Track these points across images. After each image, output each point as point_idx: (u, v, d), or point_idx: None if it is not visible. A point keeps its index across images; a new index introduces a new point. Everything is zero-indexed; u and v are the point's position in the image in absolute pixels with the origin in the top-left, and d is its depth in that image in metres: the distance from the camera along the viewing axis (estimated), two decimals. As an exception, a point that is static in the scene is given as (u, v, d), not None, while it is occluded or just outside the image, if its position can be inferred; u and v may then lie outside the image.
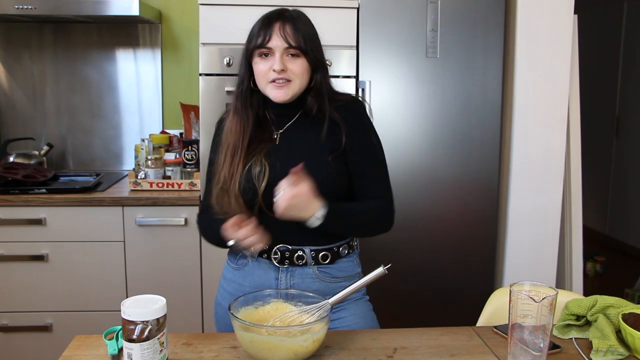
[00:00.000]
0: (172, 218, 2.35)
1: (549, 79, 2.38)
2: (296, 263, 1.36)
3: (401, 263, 2.40)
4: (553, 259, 2.46)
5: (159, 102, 2.92)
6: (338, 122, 1.33)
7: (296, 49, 1.28)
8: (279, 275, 1.36)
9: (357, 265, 1.45)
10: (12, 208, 2.30)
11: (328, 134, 1.34)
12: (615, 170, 4.94)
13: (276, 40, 1.28)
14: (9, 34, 2.82)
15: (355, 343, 1.22)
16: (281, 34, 1.28)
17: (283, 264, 1.36)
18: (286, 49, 1.28)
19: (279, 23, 1.29)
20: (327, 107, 1.34)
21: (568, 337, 1.25)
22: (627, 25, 4.77)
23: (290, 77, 1.29)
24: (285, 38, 1.27)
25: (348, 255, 1.42)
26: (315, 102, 1.34)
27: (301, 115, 1.37)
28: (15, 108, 2.87)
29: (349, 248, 1.42)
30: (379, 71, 2.33)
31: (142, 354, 1.05)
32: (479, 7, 2.31)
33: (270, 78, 1.29)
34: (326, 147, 1.33)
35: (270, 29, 1.29)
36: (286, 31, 1.28)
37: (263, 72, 1.30)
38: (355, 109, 1.39)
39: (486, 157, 2.39)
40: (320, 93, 1.34)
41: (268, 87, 1.31)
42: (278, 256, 1.36)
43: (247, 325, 1.10)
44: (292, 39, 1.28)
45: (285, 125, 1.38)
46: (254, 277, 1.38)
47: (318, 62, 1.33)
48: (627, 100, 4.79)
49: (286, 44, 1.28)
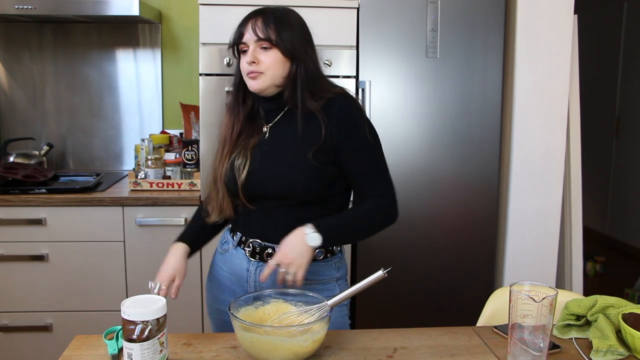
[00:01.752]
0: (172, 218, 2.35)
1: (549, 79, 2.38)
2: (265, 259, 1.37)
3: (401, 263, 2.40)
4: (553, 259, 2.46)
5: (159, 102, 2.92)
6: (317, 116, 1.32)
7: (265, 40, 1.31)
8: (249, 267, 1.39)
9: (336, 270, 1.42)
10: (12, 208, 2.30)
11: (309, 129, 1.33)
12: (615, 170, 4.94)
13: (247, 35, 1.33)
14: (9, 34, 2.82)
15: (355, 343, 1.22)
16: (252, 28, 1.32)
17: (254, 258, 1.39)
18: (256, 41, 1.31)
19: (252, 19, 1.33)
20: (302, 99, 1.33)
21: (568, 337, 1.25)
22: (627, 25, 4.77)
23: (262, 68, 1.32)
24: (255, 31, 1.31)
25: (325, 260, 1.40)
26: (290, 94, 1.34)
27: (288, 110, 1.38)
28: (15, 108, 2.87)
29: (327, 252, 1.40)
30: (379, 71, 2.33)
31: (142, 354, 1.05)
32: (479, 7, 2.31)
33: (246, 71, 1.34)
34: (307, 142, 1.33)
35: (245, 25, 1.34)
36: (257, 25, 1.31)
37: (243, 66, 1.35)
38: (343, 102, 1.36)
39: (486, 157, 2.39)
40: (294, 84, 1.34)
41: (246, 79, 1.35)
42: (250, 249, 1.39)
43: (247, 325, 1.10)
44: (261, 32, 1.31)
45: (273, 119, 1.40)
46: (232, 264, 1.43)
47: (293, 53, 1.32)
48: (627, 100, 4.79)
49: (255, 36, 1.31)
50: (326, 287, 1.40)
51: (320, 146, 1.31)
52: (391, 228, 1.49)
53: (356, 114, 1.36)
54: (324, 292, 1.35)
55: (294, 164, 1.32)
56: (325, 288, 1.39)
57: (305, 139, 1.33)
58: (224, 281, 1.45)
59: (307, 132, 1.33)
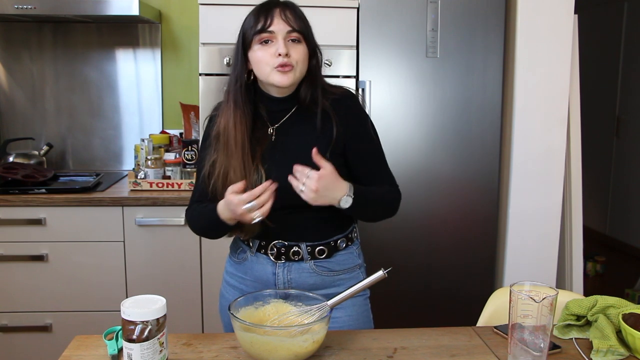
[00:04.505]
0: (172, 218, 2.35)
1: (549, 79, 2.38)
2: (292, 258, 1.36)
3: (401, 263, 2.40)
4: (553, 259, 2.46)
5: (159, 102, 2.91)
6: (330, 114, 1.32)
7: (298, 32, 1.27)
8: (276, 270, 1.37)
9: (358, 257, 1.45)
10: (12, 208, 2.30)
11: (322, 127, 1.32)
12: (616, 170, 4.94)
13: (278, 23, 1.26)
14: (9, 33, 2.82)
15: (355, 343, 1.22)
16: (283, 17, 1.26)
17: (280, 259, 1.37)
18: (289, 32, 1.26)
19: (279, 8, 1.28)
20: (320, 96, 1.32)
21: (568, 337, 1.25)
22: (627, 25, 4.77)
23: (293, 62, 1.27)
24: (287, 21, 1.26)
25: (346, 248, 1.41)
26: (309, 90, 1.32)
27: (295, 110, 1.36)
28: (15, 108, 2.87)
29: (348, 241, 1.42)
30: (379, 71, 2.33)
31: (142, 354, 1.05)
32: (479, 7, 2.31)
33: (276, 63, 1.26)
34: (322, 142, 1.31)
35: (271, 13, 1.27)
36: (287, 15, 1.27)
37: (266, 58, 1.27)
38: (350, 102, 1.37)
39: (486, 157, 2.39)
40: (314, 80, 1.33)
41: (272, 73, 1.27)
42: (274, 252, 1.37)
43: (247, 326, 1.10)
44: (294, 23, 1.26)
45: (279, 120, 1.36)
46: (254, 271, 1.40)
47: (315, 49, 1.33)
48: (628, 100, 4.79)
49: (289, 26, 1.26)
50: (352, 275, 1.42)
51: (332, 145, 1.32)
52: (391, 227, 1.49)
53: (361, 112, 1.38)
54: (350, 280, 1.39)
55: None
56: (352, 277, 1.41)
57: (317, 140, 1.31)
58: (247, 289, 1.40)
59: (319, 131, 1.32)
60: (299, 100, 1.34)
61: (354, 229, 1.45)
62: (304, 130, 1.34)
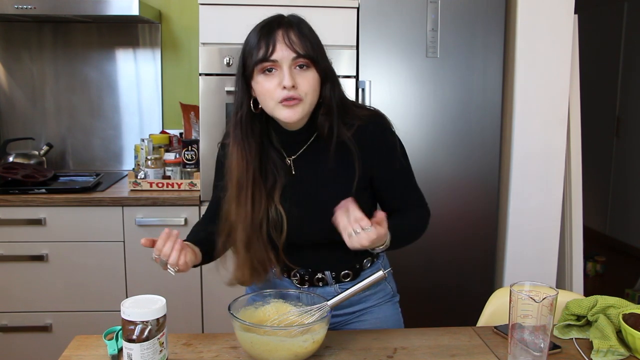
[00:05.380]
0: (172, 218, 2.35)
1: (549, 79, 2.38)
2: (316, 284, 1.31)
3: (401, 263, 2.39)
4: (553, 259, 2.46)
5: (159, 102, 2.91)
6: (351, 148, 1.17)
7: (306, 58, 1.10)
8: (299, 296, 1.26)
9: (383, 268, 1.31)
10: (12, 208, 2.30)
11: (342, 160, 1.18)
12: (616, 170, 4.94)
13: (282, 50, 1.09)
14: (9, 33, 2.82)
15: (355, 343, 1.22)
16: (286, 42, 1.09)
17: (304, 285, 1.31)
18: (294, 59, 1.10)
19: (281, 30, 1.10)
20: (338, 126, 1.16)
21: (568, 337, 1.25)
22: (627, 25, 4.77)
23: (301, 94, 1.11)
24: (291, 47, 1.09)
25: (372, 266, 1.35)
26: (326, 121, 1.16)
27: (314, 140, 1.21)
28: (15, 108, 2.87)
29: (373, 258, 1.35)
30: (379, 71, 2.33)
31: (142, 354, 1.05)
32: (479, 7, 2.31)
33: (280, 97, 1.10)
34: (342, 175, 1.19)
35: (273, 37, 1.09)
36: (291, 39, 1.09)
37: (270, 91, 1.11)
38: (376, 130, 1.21)
39: (486, 156, 2.39)
40: (330, 109, 1.16)
41: (277, 108, 1.12)
42: (298, 278, 1.31)
43: (248, 326, 1.10)
44: (300, 47, 1.09)
45: (297, 151, 1.22)
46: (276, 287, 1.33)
47: (327, 72, 1.16)
48: (628, 100, 4.79)
49: (294, 53, 1.09)
50: (378, 288, 1.37)
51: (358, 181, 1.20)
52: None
53: (389, 138, 1.24)
54: (378, 293, 1.37)
55: (333, 205, 1.09)
56: (379, 290, 1.38)
57: (340, 173, 1.20)
58: None
59: (340, 164, 1.19)
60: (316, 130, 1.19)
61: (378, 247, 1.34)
62: (323, 165, 1.20)
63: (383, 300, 1.39)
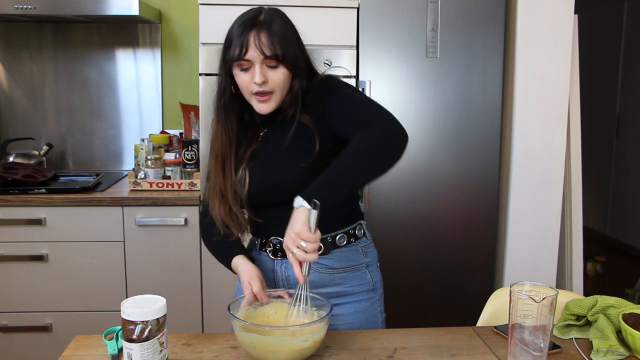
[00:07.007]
0: (172, 218, 2.35)
1: (549, 79, 2.38)
2: None
3: (401, 263, 2.40)
4: (553, 259, 2.46)
5: (159, 102, 2.91)
6: (309, 126, 1.28)
7: (273, 59, 1.23)
8: (274, 267, 1.36)
9: (364, 255, 1.39)
10: (11, 208, 2.30)
11: (304, 132, 1.28)
12: (616, 170, 4.94)
13: (253, 51, 1.23)
14: (9, 33, 2.82)
15: (355, 343, 1.22)
16: (256, 44, 1.22)
17: (277, 257, 1.36)
18: (263, 60, 1.23)
19: (254, 32, 1.23)
20: (299, 112, 1.29)
21: (568, 337, 1.25)
22: (627, 25, 4.77)
23: (272, 88, 1.26)
24: (260, 49, 1.22)
25: (348, 245, 1.36)
26: (290, 108, 1.30)
27: (283, 116, 1.34)
28: (15, 108, 2.87)
29: (349, 237, 1.36)
30: (379, 71, 2.33)
31: (142, 354, 1.05)
32: (479, 7, 2.31)
33: (253, 90, 1.26)
34: (299, 151, 1.28)
35: (246, 39, 1.23)
36: (261, 41, 1.22)
37: (245, 83, 1.27)
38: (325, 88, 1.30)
39: (486, 157, 2.39)
40: (295, 99, 1.30)
41: (252, 99, 1.29)
42: (272, 248, 1.36)
43: (248, 326, 1.10)
44: (268, 49, 1.22)
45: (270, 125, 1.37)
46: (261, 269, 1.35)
47: (297, 67, 1.28)
48: (628, 100, 4.79)
49: (262, 55, 1.22)
50: (357, 274, 1.37)
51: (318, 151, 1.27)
52: (391, 227, 1.46)
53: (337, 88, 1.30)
54: (355, 279, 1.37)
55: (292, 168, 1.27)
56: (357, 275, 1.37)
57: (301, 143, 1.29)
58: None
59: (302, 137, 1.29)
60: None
61: (359, 226, 1.39)
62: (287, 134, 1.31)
63: (360, 289, 1.38)
